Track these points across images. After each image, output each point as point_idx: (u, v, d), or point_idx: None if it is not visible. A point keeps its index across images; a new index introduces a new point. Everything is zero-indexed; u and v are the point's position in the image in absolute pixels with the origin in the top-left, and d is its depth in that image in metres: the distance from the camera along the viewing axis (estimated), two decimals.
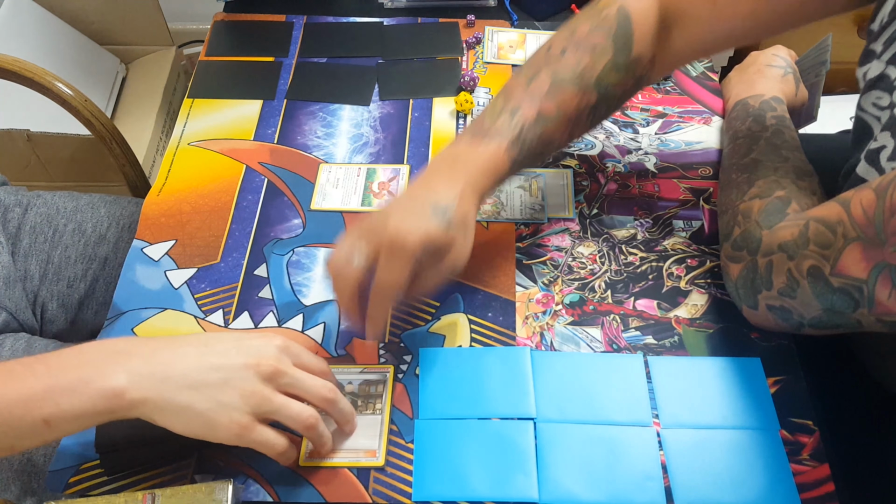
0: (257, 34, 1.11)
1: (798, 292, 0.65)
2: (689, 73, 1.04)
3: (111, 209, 1.02)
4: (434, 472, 0.67)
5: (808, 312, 0.66)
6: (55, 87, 1.05)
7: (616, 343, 0.76)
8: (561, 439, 0.69)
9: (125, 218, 1.02)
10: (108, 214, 1.01)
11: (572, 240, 0.85)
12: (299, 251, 0.84)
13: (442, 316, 0.78)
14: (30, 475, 0.79)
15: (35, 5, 1.66)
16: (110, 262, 0.98)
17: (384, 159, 0.93)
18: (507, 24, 1.12)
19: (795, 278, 0.65)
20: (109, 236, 0.99)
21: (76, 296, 0.96)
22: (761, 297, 0.70)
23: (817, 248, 0.63)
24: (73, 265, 0.97)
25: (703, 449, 0.68)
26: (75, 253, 0.97)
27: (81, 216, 1.00)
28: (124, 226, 1.01)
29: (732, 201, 0.76)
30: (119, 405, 0.58)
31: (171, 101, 1.79)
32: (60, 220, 0.99)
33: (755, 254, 0.70)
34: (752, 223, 0.71)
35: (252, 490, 0.66)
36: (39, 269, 0.96)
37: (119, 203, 1.04)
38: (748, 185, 0.76)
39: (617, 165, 0.92)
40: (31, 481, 0.79)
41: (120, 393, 0.57)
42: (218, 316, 0.78)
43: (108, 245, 0.99)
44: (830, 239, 0.62)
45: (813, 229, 0.64)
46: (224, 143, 0.96)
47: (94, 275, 0.97)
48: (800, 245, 0.65)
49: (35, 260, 0.96)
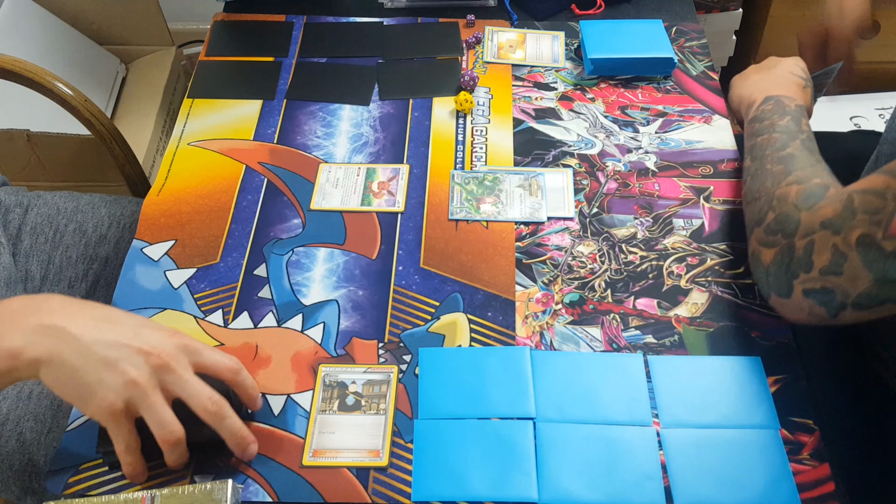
0: (257, 34, 1.11)
1: (845, 266, 0.64)
2: (690, 72, 1.03)
3: (112, 209, 1.02)
4: (433, 472, 0.67)
5: (855, 288, 0.64)
6: (55, 87, 1.05)
7: (616, 342, 0.76)
8: (560, 439, 0.68)
9: (126, 218, 1.02)
10: (109, 214, 1.01)
11: (572, 239, 0.85)
12: (299, 251, 0.84)
13: (441, 315, 0.78)
14: (30, 475, 0.79)
15: (35, 5, 1.66)
16: (111, 262, 0.98)
17: (384, 159, 0.93)
18: (507, 23, 1.12)
19: (842, 252, 0.64)
20: (110, 236, 1.00)
21: (77, 296, 0.96)
22: (797, 282, 0.68)
23: (866, 215, 0.62)
24: (74, 265, 0.97)
25: (703, 449, 0.68)
26: (76, 253, 0.97)
27: (82, 216, 1.00)
28: (125, 226, 1.01)
29: (767, 188, 0.75)
30: (18, 365, 0.58)
31: (171, 101, 1.79)
32: (61, 221, 0.99)
33: (792, 236, 0.68)
34: (790, 206, 0.70)
35: (251, 490, 0.66)
36: (40, 270, 0.96)
37: (119, 203, 1.04)
38: (785, 174, 0.74)
39: (617, 164, 0.92)
40: (32, 481, 0.79)
41: (16, 353, 0.57)
42: (217, 316, 0.78)
43: (108, 245, 0.99)
44: (880, 204, 0.61)
45: (859, 200, 0.63)
46: (224, 143, 0.96)
47: (95, 275, 0.97)
48: (845, 218, 0.64)
49: (36, 260, 0.96)
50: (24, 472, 0.79)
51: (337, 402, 0.71)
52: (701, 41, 1.08)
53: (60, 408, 0.82)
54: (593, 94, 1.01)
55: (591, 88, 1.02)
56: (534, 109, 0.99)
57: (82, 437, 0.69)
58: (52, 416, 0.81)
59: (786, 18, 1.55)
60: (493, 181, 0.90)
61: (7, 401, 0.82)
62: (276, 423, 0.70)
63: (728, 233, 0.85)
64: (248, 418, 0.70)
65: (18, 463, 0.79)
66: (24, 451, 0.80)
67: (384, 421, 0.70)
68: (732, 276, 0.81)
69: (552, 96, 1.01)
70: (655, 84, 1.02)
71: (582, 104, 0.99)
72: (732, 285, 0.80)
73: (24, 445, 0.80)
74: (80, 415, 0.71)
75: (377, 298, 0.80)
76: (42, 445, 0.80)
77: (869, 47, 1.56)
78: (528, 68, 1.05)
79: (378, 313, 0.78)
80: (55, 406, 0.82)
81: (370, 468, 0.67)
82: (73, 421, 0.71)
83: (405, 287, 0.80)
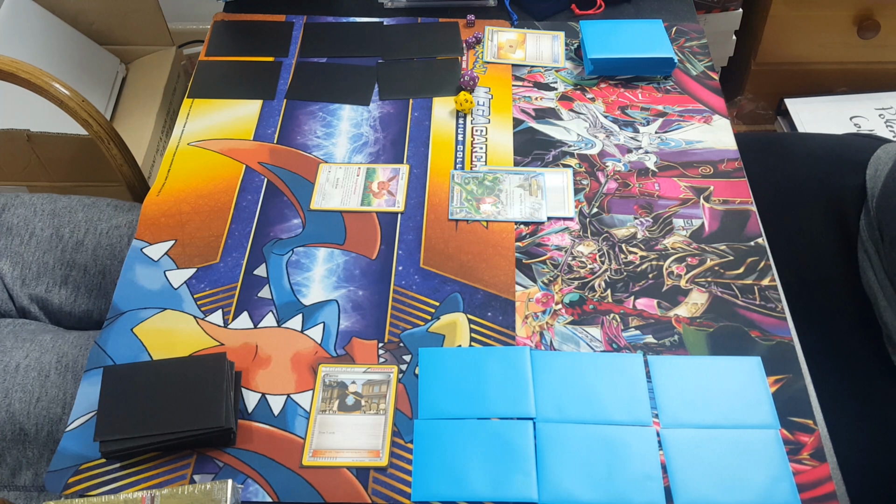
0: (257, 34, 1.11)
1: None
2: (690, 72, 1.03)
3: (89, 213, 1.00)
4: (433, 472, 0.67)
5: None
6: (52, 87, 1.05)
7: (616, 342, 0.76)
8: (560, 439, 0.68)
9: (103, 223, 0.99)
10: (87, 219, 0.99)
11: (572, 239, 0.85)
12: (299, 251, 0.84)
13: (441, 316, 0.78)
14: (23, 444, 0.80)
15: (35, 5, 1.66)
16: (90, 271, 0.96)
17: (384, 159, 0.93)
18: (507, 23, 1.12)
19: None
20: (87, 243, 0.97)
21: (56, 301, 0.95)
22: None
23: None
24: (52, 270, 0.96)
25: (703, 449, 0.68)
26: (53, 258, 0.96)
27: (59, 220, 0.99)
28: (102, 231, 0.99)
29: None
30: None
31: (171, 101, 1.79)
32: (37, 223, 0.98)
33: None
34: None
35: (251, 490, 0.66)
36: (13, 270, 0.95)
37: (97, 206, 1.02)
38: None
39: (617, 164, 0.92)
40: (26, 450, 0.80)
41: None
42: (217, 316, 0.78)
43: (86, 252, 0.97)
44: None
45: None
46: (224, 143, 0.96)
47: (76, 283, 0.95)
48: None
49: (9, 261, 0.96)
50: (17, 442, 0.81)
51: (337, 402, 0.71)
52: (701, 41, 1.08)
53: (48, 378, 0.83)
54: (593, 94, 1.01)
55: (591, 88, 1.02)
56: (534, 109, 0.99)
57: (82, 437, 0.69)
58: (41, 385, 0.83)
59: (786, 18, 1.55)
60: (493, 181, 0.90)
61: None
62: (276, 423, 0.70)
63: (728, 233, 0.85)
64: (248, 418, 0.70)
65: (10, 433, 0.81)
66: (14, 421, 0.81)
67: (384, 421, 0.70)
68: (732, 277, 0.81)
69: (552, 96, 1.00)
70: (655, 84, 1.02)
71: (582, 104, 0.99)
72: (732, 285, 0.80)
73: (14, 416, 0.81)
74: (80, 414, 0.71)
75: (377, 298, 0.80)
76: (32, 415, 0.81)
77: (869, 47, 1.56)
78: (528, 68, 1.05)
79: (378, 313, 0.78)
80: (43, 376, 0.83)
81: (370, 468, 0.67)
82: (73, 421, 0.71)
83: (405, 287, 0.80)
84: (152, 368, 0.72)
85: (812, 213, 0.98)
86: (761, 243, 0.84)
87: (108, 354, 0.75)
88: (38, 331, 0.90)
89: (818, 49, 1.58)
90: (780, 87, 1.67)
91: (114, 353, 0.75)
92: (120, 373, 0.72)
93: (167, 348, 0.76)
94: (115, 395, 0.70)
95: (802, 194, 0.99)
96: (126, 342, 0.76)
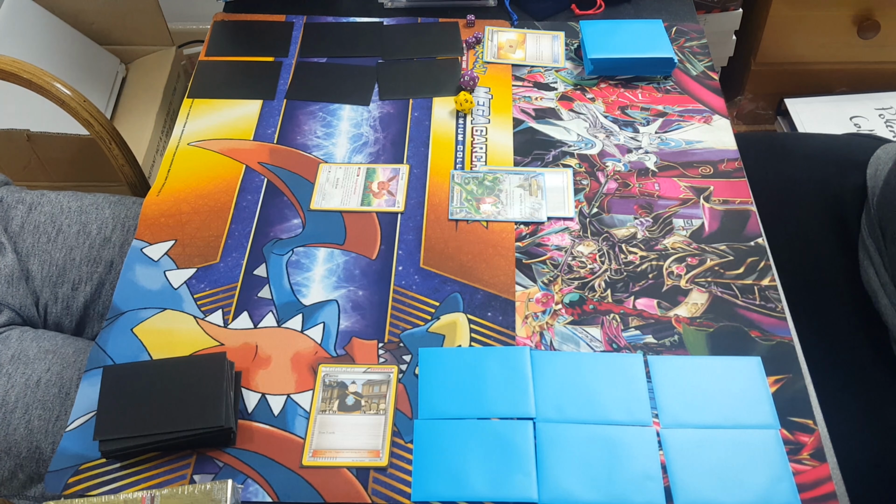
0: (257, 34, 1.11)
1: None
2: (690, 72, 1.03)
3: (116, 210, 1.02)
4: (433, 472, 0.67)
5: None
6: (53, 87, 1.05)
7: (616, 342, 0.76)
8: (560, 439, 0.68)
9: (130, 220, 1.01)
10: (113, 216, 1.01)
11: (572, 239, 0.85)
12: (299, 251, 0.84)
13: (441, 316, 0.78)
14: (37, 462, 0.80)
15: (35, 5, 1.66)
16: (116, 266, 0.98)
17: (384, 159, 0.93)
18: (507, 23, 1.12)
19: None
20: (115, 239, 0.99)
21: (81, 298, 0.96)
22: None
23: None
24: (78, 267, 0.97)
25: (703, 449, 0.68)
26: (80, 255, 0.97)
27: (86, 217, 1.00)
28: (130, 228, 1.00)
29: None
30: None
31: (171, 101, 1.79)
32: (64, 221, 0.99)
33: None
34: None
35: (251, 490, 0.66)
36: (42, 270, 0.96)
37: (124, 203, 1.03)
38: None
39: (617, 164, 0.92)
40: (38, 468, 0.80)
41: None
42: (217, 316, 0.78)
43: (113, 248, 0.98)
44: None
45: None
46: (224, 143, 0.96)
47: (100, 278, 0.97)
48: None
49: (37, 260, 0.96)
50: (31, 460, 0.80)
51: (337, 402, 0.71)
52: (701, 41, 1.08)
53: (69, 395, 0.82)
54: (593, 94, 1.01)
55: (591, 88, 1.02)
56: (534, 109, 0.99)
57: (82, 437, 0.69)
58: (60, 403, 0.82)
59: (786, 18, 1.55)
60: (493, 181, 0.90)
61: (15, 388, 0.82)
62: (276, 423, 0.70)
63: (728, 233, 0.85)
64: (248, 418, 0.70)
65: (26, 451, 0.80)
66: (31, 438, 0.80)
67: (384, 421, 0.70)
68: (732, 277, 0.81)
69: (552, 96, 1.01)
70: (655, 84, 1.02)
71: (582, 104, 0.99)
72: (732, 285, 0.80)
73: (32, 433, 0.80)
74: (80, 414, 0.71)
75: (377, 298, 0.80)
76: (49, 434, 0.80)
77: (869, 47, 1.56)
78: (528, 68, 1.05)
79: (378, 313, 0.78)
80: (63, 394, 0.82)
81: (370, 468, 0.67)
82: (74, 421, 0.71)
83: (405, 287, 0.80)
84: (152, 368, 0.72)
85: (812, 213, 0.98)
86: (761, 243, 0.84)
87: (107, 354, 0.75)
88: (62, 343, 0.89)
89: (818, 49, 1.58)
90: (780, 87, 1.67)
91: (114, 353, 0.75)
92: (119, 372, 0.72)
93: (167, 348, 0.76)
94: (114, 395, 0.70)
95: (802, 194, 0.99)
96: (126, 342, 0.76)
